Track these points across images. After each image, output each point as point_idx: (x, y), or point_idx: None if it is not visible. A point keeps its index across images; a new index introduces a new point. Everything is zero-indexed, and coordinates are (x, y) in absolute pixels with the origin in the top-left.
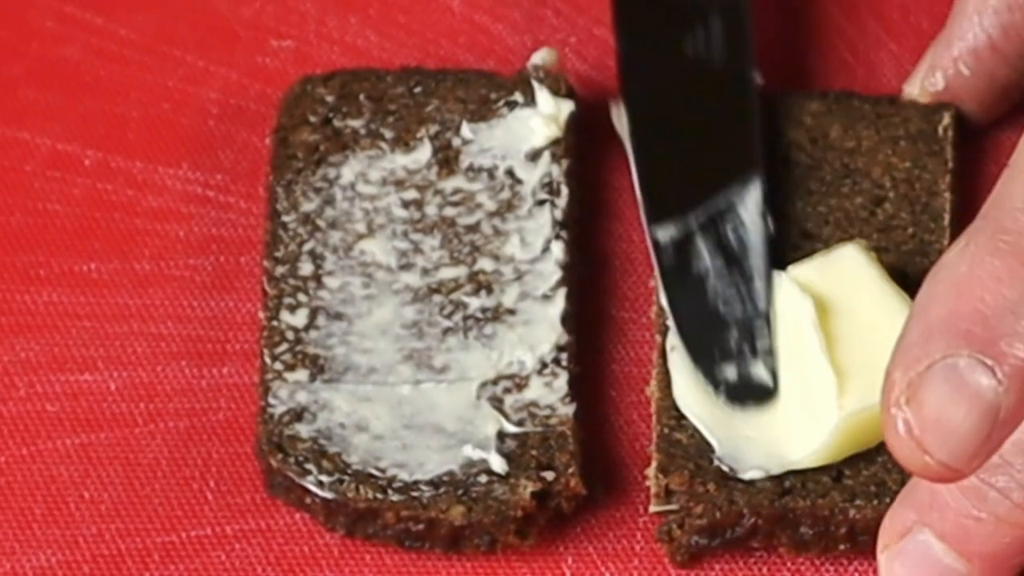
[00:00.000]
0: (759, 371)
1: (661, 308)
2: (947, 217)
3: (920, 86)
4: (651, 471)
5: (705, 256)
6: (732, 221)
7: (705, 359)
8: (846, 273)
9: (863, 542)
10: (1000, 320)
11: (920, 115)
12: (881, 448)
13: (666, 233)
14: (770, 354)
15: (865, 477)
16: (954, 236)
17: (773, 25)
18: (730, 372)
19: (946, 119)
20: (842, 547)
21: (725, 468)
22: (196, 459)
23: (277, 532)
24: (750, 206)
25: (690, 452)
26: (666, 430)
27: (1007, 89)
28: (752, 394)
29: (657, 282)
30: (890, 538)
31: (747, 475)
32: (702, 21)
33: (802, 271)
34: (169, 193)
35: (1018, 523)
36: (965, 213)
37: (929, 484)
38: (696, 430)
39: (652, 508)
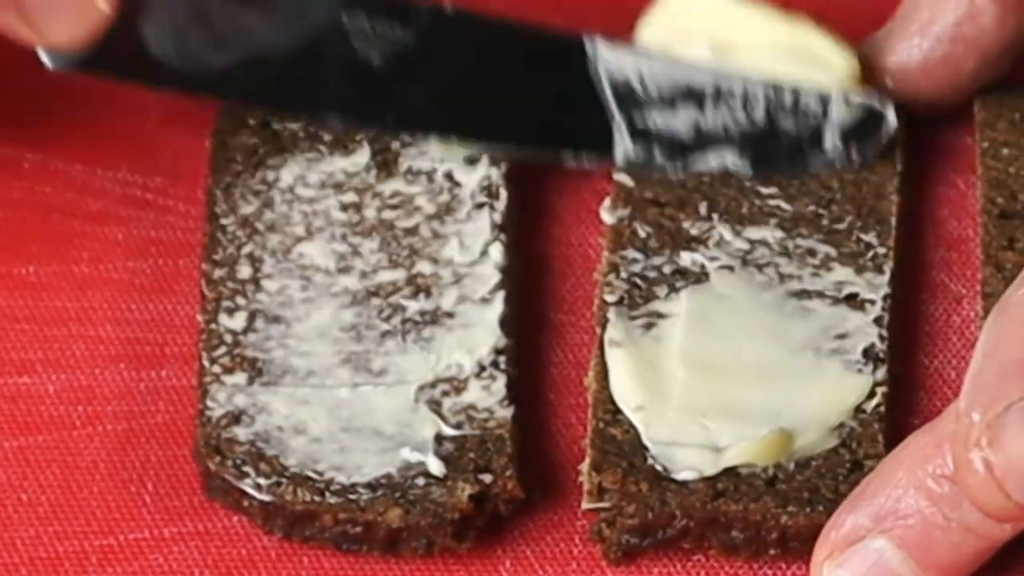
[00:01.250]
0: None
1: (603, 301)
2: (893, 220)
3: None
4: (584, 468)
5: None
6: None
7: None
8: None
9: (793, 548)
10: None
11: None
12: (816, 454)
13: None
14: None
15: (799, 483)
16: (900, 239)
17: None
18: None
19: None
20: (772, 552)
21: (659, 467)
22: (134, 462)
23: (215, 535)
24: None
25: (624, 450)
26: (601, 424)
27: (924, 109)
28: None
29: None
30: (835, 546)
31: (680, 475)
32: None
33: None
34: (108, 196)
35: (987, 534)
36: (912, 216)
37: (893, 490)
38: (632, 426)
39: (584, 506)
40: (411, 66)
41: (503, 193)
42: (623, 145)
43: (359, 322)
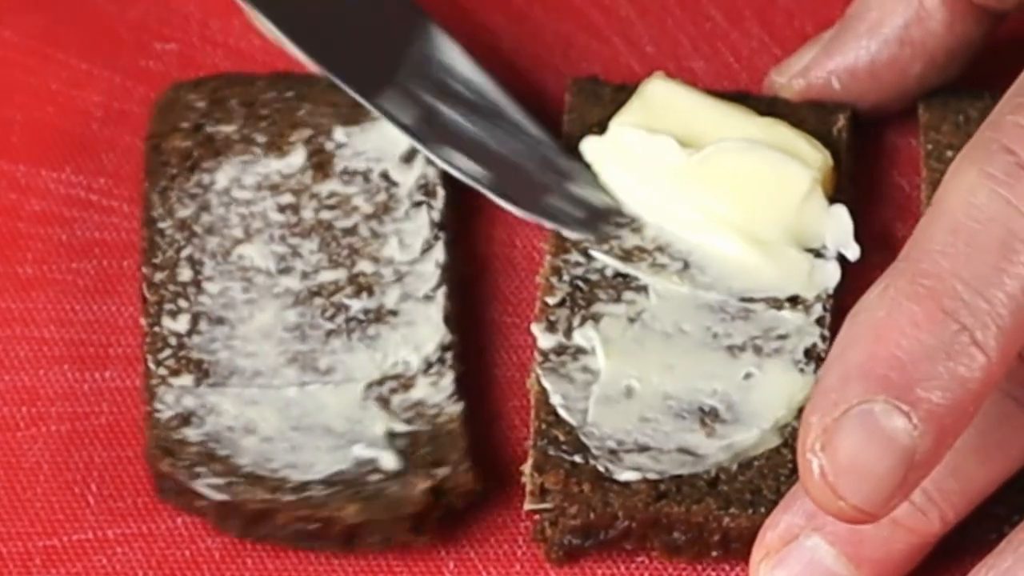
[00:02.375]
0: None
1: (544, 303)
2: None
3: (788, 80)
4: (527, 469)
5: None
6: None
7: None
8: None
9: (736, 549)
10: (916, 366)
11: (815, 116)
12: (758, 456)
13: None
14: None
15: (740, 484)
16: None
17: (657, 28)
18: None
19: (841, 120)
20: (714, 553)
21: (601, 468)
22: (78, 463)
23: (159, 536)
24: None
25: (566, 451)
26: (543, 426)
27: (870, 111)
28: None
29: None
30: (771, 546)
31: (622, 477)
32: None
33: (626, 118)
34: (52, 197)
35: (914, 528)
36: (856, 216)
37: None
38: (573, 428)
39: (527, 506)
40: None
41: (440, 192)
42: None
43: (303, 322)
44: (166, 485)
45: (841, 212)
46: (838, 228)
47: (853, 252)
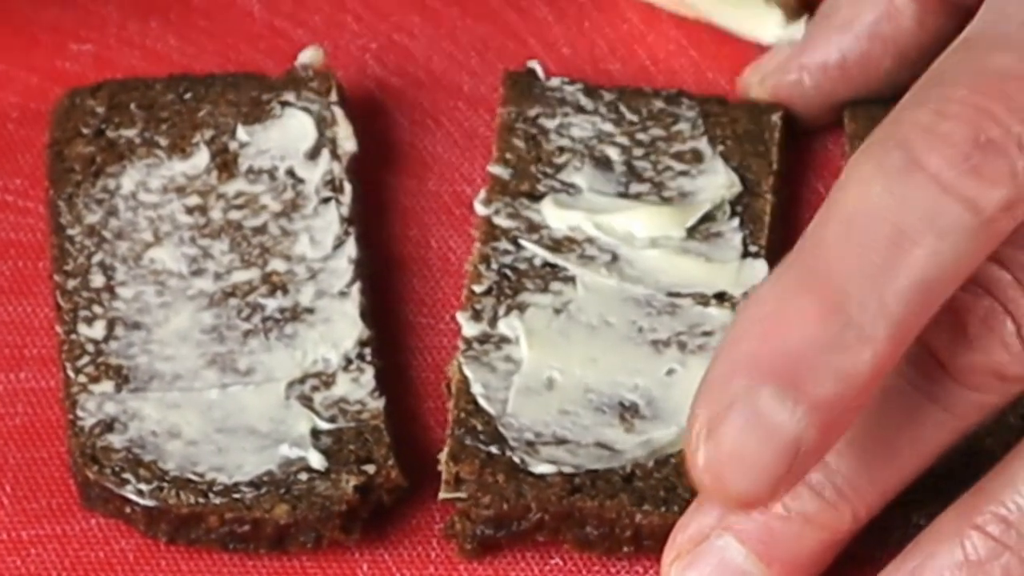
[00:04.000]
0: None
1: (471, 292)
2: (767, 220)
3: (759, 80)
4: (443, 457)
5: None
6: None
7: None
8: None
9: (648, 546)
10: (803, 358)
11: (748, 115)
12: (675, 453)
13: None
14: None
15: (656, 481)
16: (772, 239)
17: (574, 30)
18: None
19: (774, 120)
20: (626, 549)
21: (517, 460)
22: None
23: (73, 537)
24: None
25: (483, 441)
26: (462, 415)
27: (841, 107)
28: None
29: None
30: (682, 547)
31: (538, 469)
32: None
33: None
34: None
35: (825, 524)
36: (786, 216)
37: None
38: (492, 418)
39: (441, 495)
40: None
41: (347, 187)
42: None
43: (219, 323)
44: (92, 493)
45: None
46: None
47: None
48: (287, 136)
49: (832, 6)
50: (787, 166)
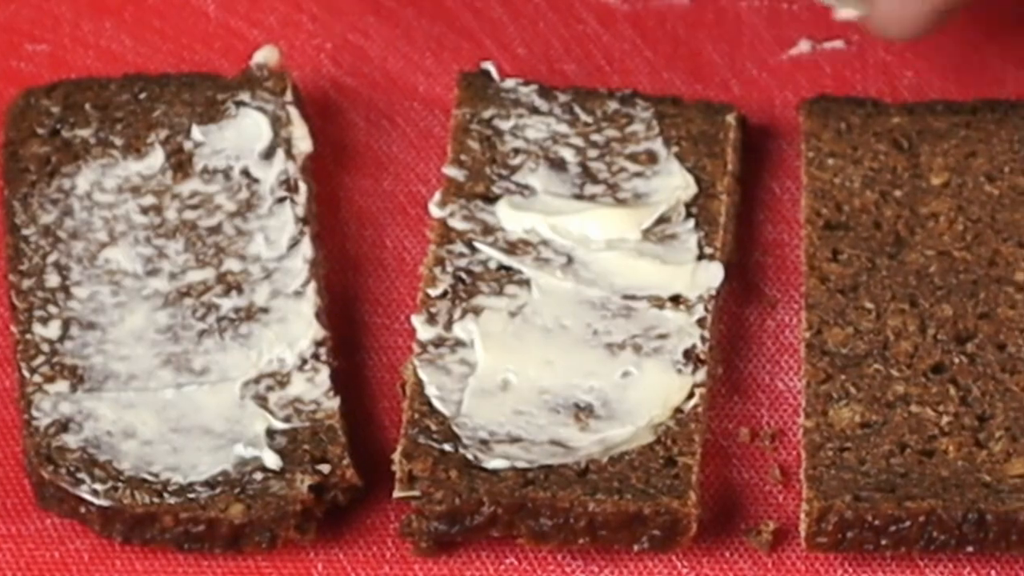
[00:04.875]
0: None
1: (426, 295)
2: (722, 220)
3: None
4: (396, 456)
5: None
6: None
7: None
8: None
9: (603, 536)
10: None
11: (703, 116)
12: (630, 450)
13: None
14: None
15: (609, 474)
16: (727, 240)
17: (529, 30)
18: None
19: (729, 121)
20: (582, 541)
21: (470, 457)
22: None
23: (28, 538)
24: None
25: (437, 439)
26: (416, 415)
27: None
28: None
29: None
30: None
31: (491, 465)
32: None
33: None
34: None
35: None
36: (741, 217)
37: None
38: (446, 417)
39: (395, 494)
40: None
41: (302, 186)
42: None
43: (174, 323)
44: (47, 493)
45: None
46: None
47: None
48: (242, 136)
49: None
50: (742, 167)
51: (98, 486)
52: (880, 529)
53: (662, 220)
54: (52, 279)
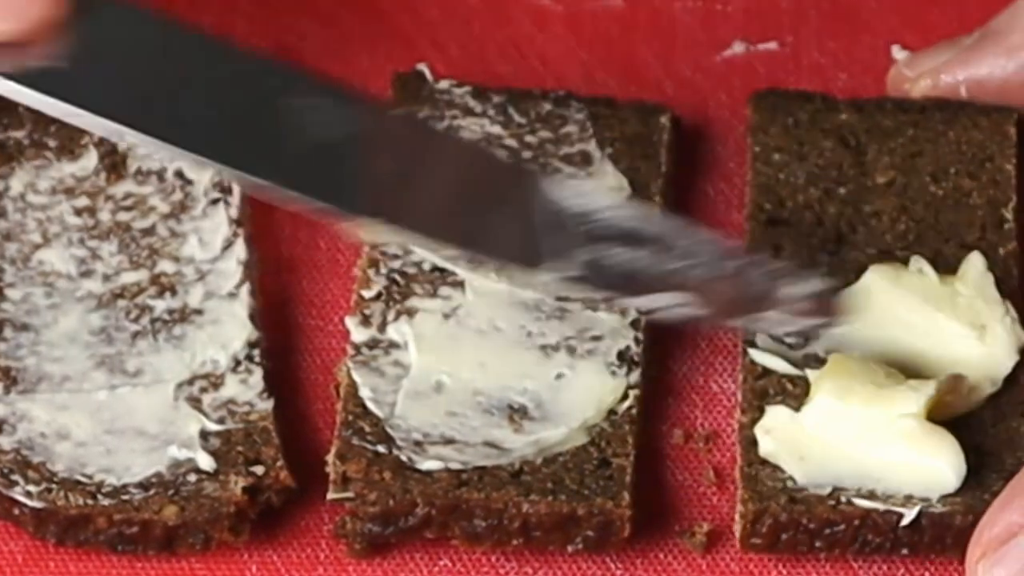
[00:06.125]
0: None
1: (360, 297)
2: None
3: (916, 75)
4: (330, 457)
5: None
6: None
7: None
8: None
9: (537, 538)
10: None
11: (636, 118)
12: (564, 451)
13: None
14: None
15: (543, 475)
16: None
17: (463, 32)
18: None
19: (663, 122)
20: (516, 542)
21: (404, 458)
22: None
23: None
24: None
25: (370, 441)
26: (350, 417)
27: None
28: None
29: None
30: (988, 546)
31: (424, 466)
32: None
33: None
34: None
35: None
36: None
37: None
38: (380, 419)
39: (329, 495)
40: (354, 154)
41: (236, 188)
42: (553, 267)
43: (108, 324)
44: None
45: None
46: None
47: None
48: None
49: (1005, 26)
50: (676, 168)
51: (32, 488)
52: (815, 532)
53: None
54: None
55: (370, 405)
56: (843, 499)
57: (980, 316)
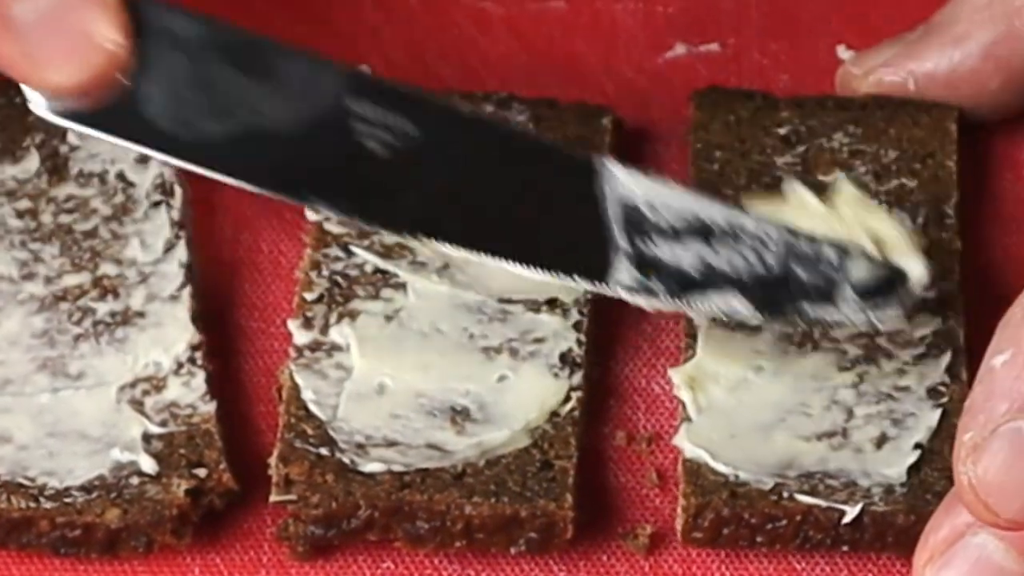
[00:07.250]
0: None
1: (302, 299)
2: None
3: (863, 72)
4: (273, 460)
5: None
6: None
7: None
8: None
9: (480, 539)
10: None
11: (578, 119)
12: (507, 453)
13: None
14: None
15: (486, 477)
16: None
17: (404, 34)
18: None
19: (604, 123)
20: (458, 544)
21: (347, 461)
22: None
23: None
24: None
25: (313, 443)
26: (293, 420)
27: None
28: None
29: None
30: (936, 548)
31: (367, 468)
32: None
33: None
34: None
35: None
36: None
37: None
38: (322, 422)
39: (272, 498)
40: (413, 162)
41: (178, 191)
42: (620, 271)
43: (50, 327)
44: None
45: None
46: None
47: None
48: None
49: (950, 17)
50: (625, 160)
51: None
52: (756, 526)
53: None
54: None
55: (313, 408)
56: (785, 494)
57: (872, 228)
